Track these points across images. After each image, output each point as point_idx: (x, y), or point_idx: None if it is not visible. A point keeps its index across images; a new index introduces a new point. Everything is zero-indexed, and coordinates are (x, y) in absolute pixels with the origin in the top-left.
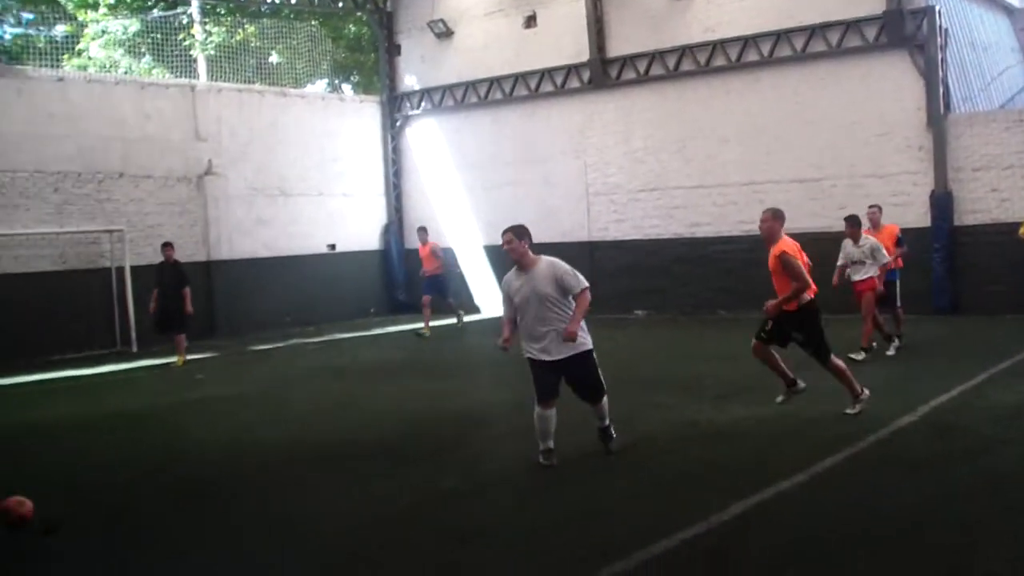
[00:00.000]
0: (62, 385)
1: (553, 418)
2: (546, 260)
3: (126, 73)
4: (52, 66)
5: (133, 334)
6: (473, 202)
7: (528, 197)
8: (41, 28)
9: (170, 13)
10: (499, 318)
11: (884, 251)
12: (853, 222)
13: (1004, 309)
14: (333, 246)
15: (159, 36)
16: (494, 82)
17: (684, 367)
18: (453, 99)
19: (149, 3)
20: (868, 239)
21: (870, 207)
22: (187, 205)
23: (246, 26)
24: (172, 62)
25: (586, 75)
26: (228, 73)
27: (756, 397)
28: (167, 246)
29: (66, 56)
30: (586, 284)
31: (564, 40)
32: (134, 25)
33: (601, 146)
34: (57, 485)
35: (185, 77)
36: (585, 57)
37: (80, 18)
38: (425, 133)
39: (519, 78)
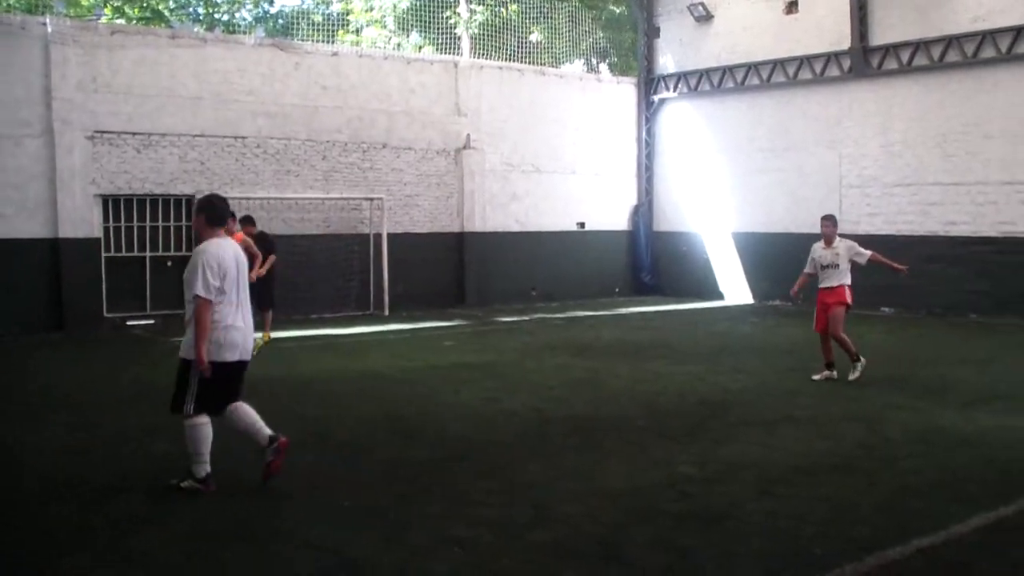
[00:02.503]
0: (322, 343)
1: None
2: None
3: (395, 49)
4: (327, 41)
5: (386, 298)
6: (724, 188)
7: (780, 186)
8: (319, 4)
9: None
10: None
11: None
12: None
13: None
14: (583, 224)
15: (427, 14)
16: (751, 68)
17: (930, 370)
18: (710, 83)
19: None
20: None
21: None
22: (444, 177)
23: (509, 5)
24: (438, 39)
25: (846, 63)
26: (490, 51)
27: (1006, 406)
28: (247, 220)
29: (340, 32)
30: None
31: (825, 27)
32: (404, 2)
33: (858, 137)
34: (321, 436)
35: (449, 54)
36: (846, 45)
37: None
38: (679, 116)
39: (777, 64)
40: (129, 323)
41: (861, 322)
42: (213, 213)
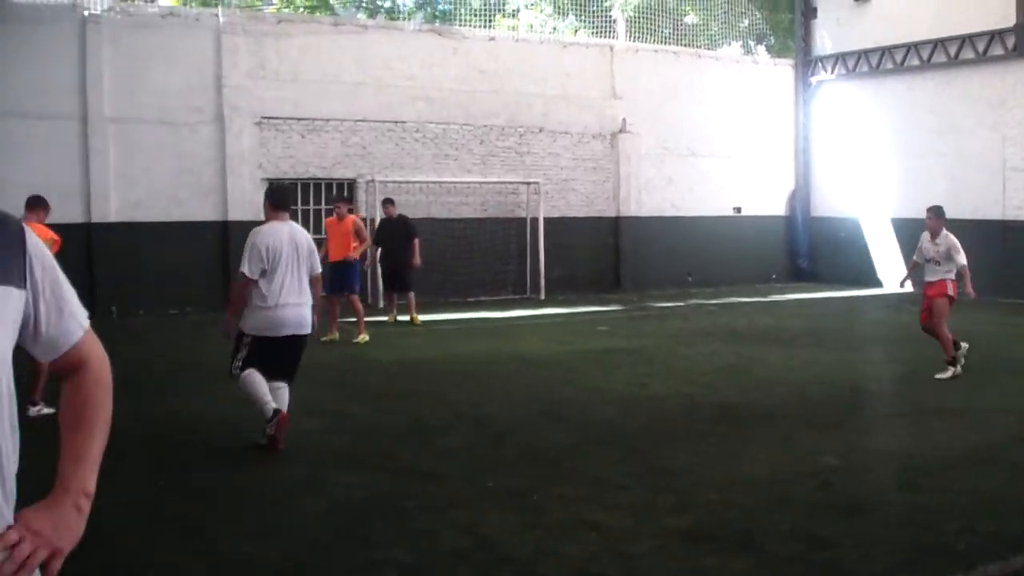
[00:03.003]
0: (477, 326)
1: None
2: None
3: (551, 33)
4: (484, 26)
5: (542, 282)
6: (883, 172)
7: (939, 170)
8: None
9: None
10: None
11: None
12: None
13: None
14: (739, 209)
15: None
16: (911, 48)
17: None
18: (868, 64)
19: None
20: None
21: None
22: (600, 161)
23: None
24: (593, 23)
25: (1011, 42)
26: (645, 33)
27: None
28: (388, 202)
29: (498, 16)
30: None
31: (988, 4)
32: None
33: (1022, 119)
34: (470, 418)
35: (605, 37)
36: (1011, 22)
37: None
38: (837, 99)
39: (938, 44)
40: None
41: (1019, 311)
42: (277, 198)
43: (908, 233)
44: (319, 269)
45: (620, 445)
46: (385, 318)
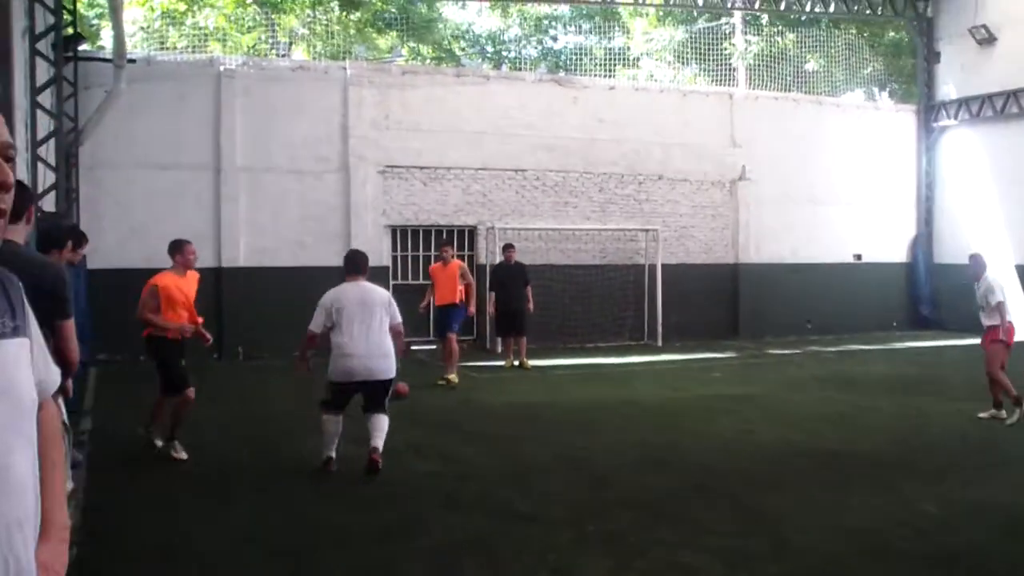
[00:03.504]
0: (592, 371)
1: None
2: None
3: (671, 81)
4: (606, 75)
5: (659, 329)
6: (1008, 218)
7: None
8: (599, 37)
9: (714, 24)
10: None
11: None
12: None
13: None
14: (859, 256)
15: (703, 45)
16: None
17: None
18: (992, 109)
19: (695, 14)
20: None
21: None
22: (719, 209)
23: (786, 34)
24: (713, 70)
25: None
26: (765, 80)
27: None
28: (509, 247)
29: (619, 65)
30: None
31: None
32: (679, 34)
33: None
34: (573, 461)
35: (725, 85)
36: None
37: (631, 29)
38: (961, 144)
39: None
40: (413, 347)
41: None
42: (348, 264)
43: None
44: (398, 319)
45: (720, 490)
46: (502, 363)
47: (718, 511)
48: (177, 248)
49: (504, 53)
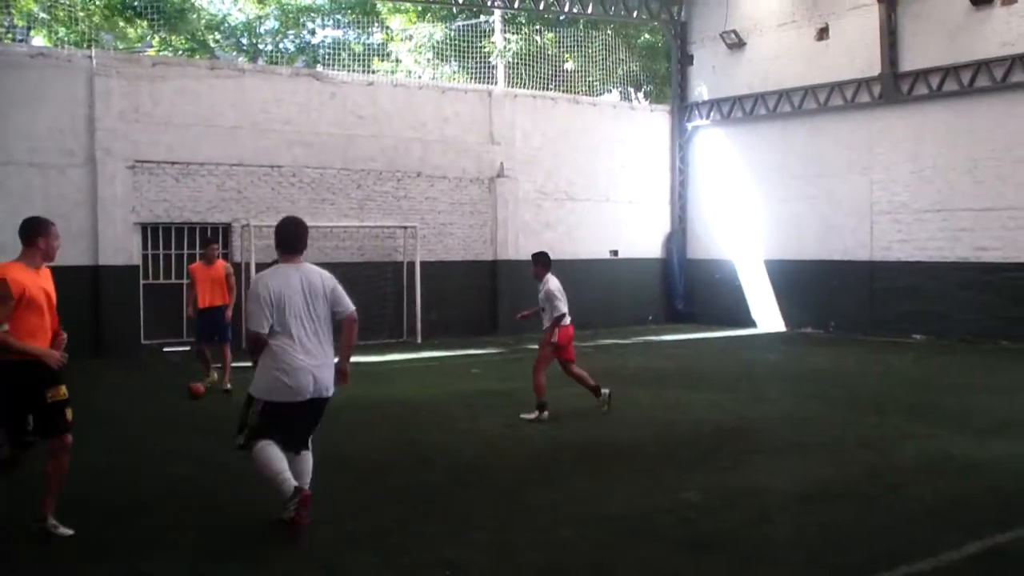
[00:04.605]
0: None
1: None
2: None
3: (431, 78)
4: (364, 70)
5: (419, 326)
6: (757, 215)
7: (811, 212)
8: (357, 32)
9: (473, 21)
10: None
11: None
12: None
13: None
14: (615, 252)
15: (462, 43)
16: (783, 94)
17: (953, 397)
18: (742, 110)
19: (455, 11)
20: None
21: None
22: (478, 206)
23: (544, 34)
24: (473, 68)
25: (877, 89)
26: (524, 79)
27: (1022, 434)
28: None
29: (376, 60)
30: None
31: (856, 53)
32: (439, 32)
33: (888, 163)
34: (337, 459)
35: (484, 83)
36: (876, 71)
37: (390, 25)
38: (712, 144)
39: (808, 91)
40: (165, 349)
41: (889, 349)
42: (282, 239)
43: (781, 274)
44: (350, 308)
45: (485, 485)
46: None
47: (484, 506)
48: (39, 229)
49: (260, 46)
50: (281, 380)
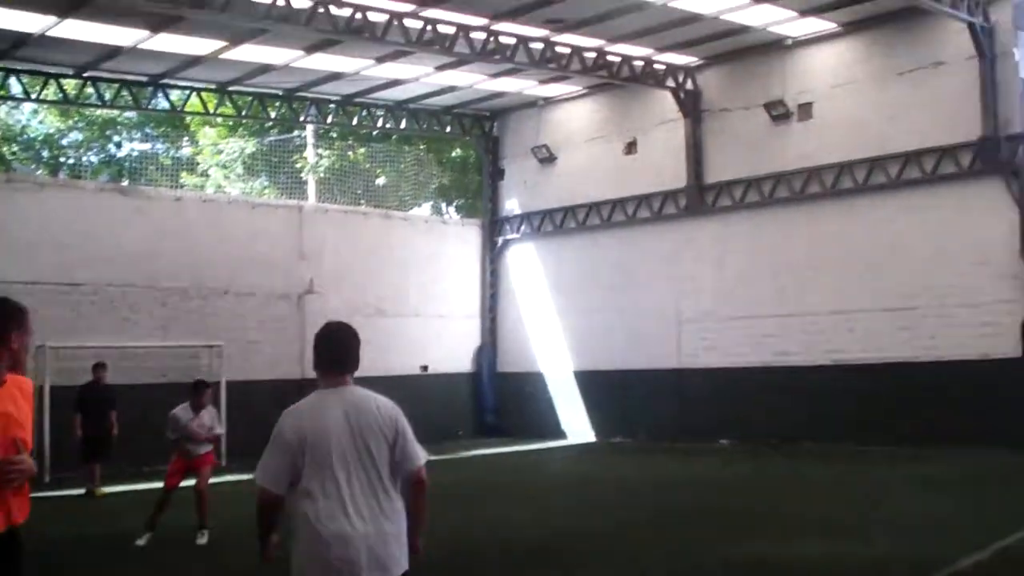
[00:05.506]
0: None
1: None
2: None
3: (241, 193)
4: (172, 184)
5: (223, 447)
6: (567, 326)
7: (620, 322)
8: (166, 145)
9: (285, 136)
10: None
11: None
12: None
13: None
14: (425, 367)
15: (273, 157)
16: (593, 207)
17: (760, 499)
18: (552, 224)
19: (267, 125)
20: None
21: None
22: (286, 323)
23: (356, 149)
24: (284, 182)
25: (683, 201)
26: (336, 194)
27: (829, 532)
28: (100, 367)
29: (184, 173)
30: None
31: (663, 166)
32: (250, 146)
33: (695, 273)
34: None
35: (295, 197)
36: (682, 183)
37: (200, 140)
38: (524, 257)
39: (617, 204)
40: None
41: (697, 454)
42: (322, 353)
43: (591, 385)
44: (421, 459)
45: None
46: (83, 490)
47: None
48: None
49: (63, 159)
50: (317, 552)
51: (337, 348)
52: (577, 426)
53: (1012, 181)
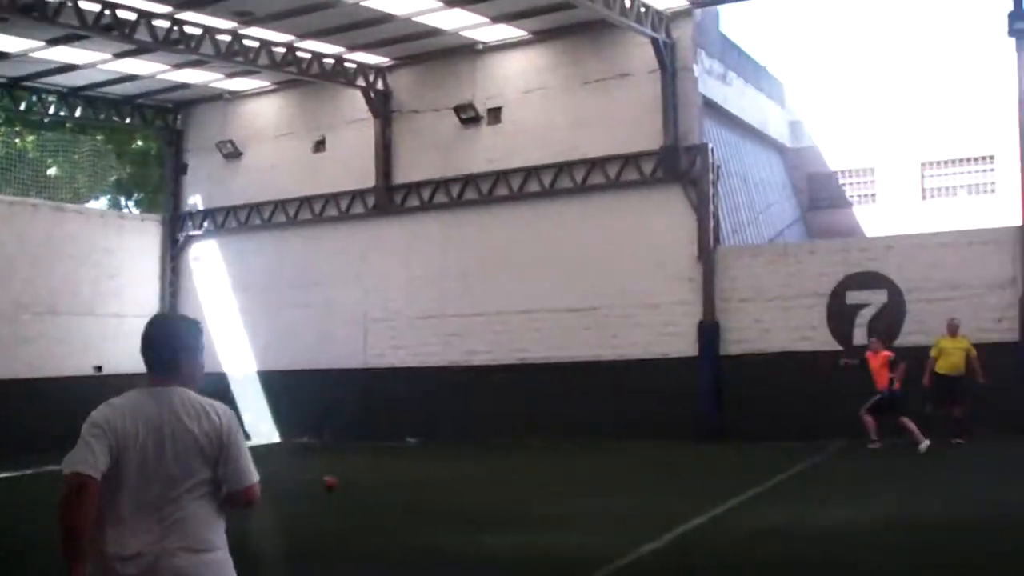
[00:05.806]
0: None
1: None
2: None
3: None
4: None
5: None
6: (252, 326)
7: (307, 322)
8: None
9: None
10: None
11: None
12: None
13: (764, 436)
14: (100, 368)
15: None
16: (279, 205)
17: (443, 495)
18: (236, 220)
19: None
20: None
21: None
22: None
23: (24, 136)
24: None
25: (371, 201)
26: (2, 184)
27: (506, 524)
28: None
29: None
30: None
31: (352, 165)
32: None
33: (382, 272)
34: None
35: None
36: (371, 183)
37: None
38: (206, 254)
39: (304, 202)
40: None
41: (383, 452)
42: (150, 351)
43: (277, 384)
44: (247, 482)
45: None
46: None
47: None
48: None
49: None
50: None
51: (166, 343)
52: (262, 427)
53: (690, 189)
